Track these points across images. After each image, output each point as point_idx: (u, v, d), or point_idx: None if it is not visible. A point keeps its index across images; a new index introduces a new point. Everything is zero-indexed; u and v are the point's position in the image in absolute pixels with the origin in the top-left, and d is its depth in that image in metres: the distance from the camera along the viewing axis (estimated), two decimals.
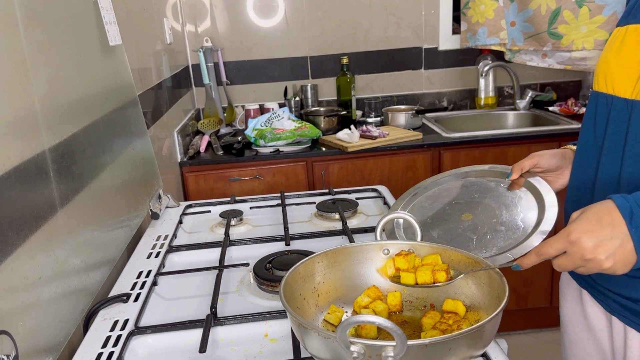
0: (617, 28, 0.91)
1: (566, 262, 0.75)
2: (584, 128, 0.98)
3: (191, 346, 0.90)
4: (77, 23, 1.13)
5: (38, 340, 0.80)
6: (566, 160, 1.05)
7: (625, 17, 0.91)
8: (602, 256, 0.72)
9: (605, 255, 0.72)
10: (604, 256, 0.72)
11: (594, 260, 0.72)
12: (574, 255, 0.74)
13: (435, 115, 2.71)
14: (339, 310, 0.85)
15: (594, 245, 0.72)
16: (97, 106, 1.17)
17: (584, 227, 0.73)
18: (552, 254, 0.76)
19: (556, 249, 0.75)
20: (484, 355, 0.81)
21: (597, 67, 0.94)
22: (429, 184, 1.17)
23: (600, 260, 0.72)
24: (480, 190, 1.09)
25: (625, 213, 0.72)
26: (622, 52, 0.87)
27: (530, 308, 2.46)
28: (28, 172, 0.82)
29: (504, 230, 0.97)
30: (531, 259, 0.78)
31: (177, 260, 1.25)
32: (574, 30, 2.47)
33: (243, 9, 2.65)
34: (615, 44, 0.90)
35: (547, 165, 1.04)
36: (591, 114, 0.96)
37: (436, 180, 1.18)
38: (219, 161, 2.21)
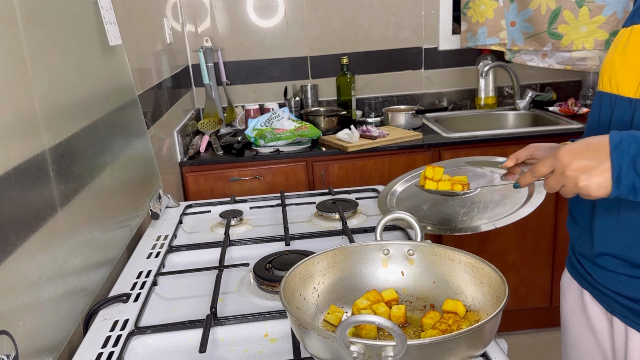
0: (623, 29, 0.92)
1: (552, 180, 0.82)
2: (589, 127, 0.98)
3: (191, 346, 0.90)
4: (77, 23, 1.13)
5: (38, 340, 0.80)
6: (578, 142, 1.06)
7: (631, 18, 0.91)
8: (579, 173, 0.77)
9: (582, 174, 0.77)
10: (580, 174, 0.77)
11: (571, 178, 0.78)
12: (557, 171, 0.80)
13: (435, 115, 2.71)
14: (339, 310, 0.85)
15: (575, 163, 0.78)
16: (97, 106, 1.17)
17: (571, 148, 0.79)
18: (544, 171, 0.83)
19: (546, 165, 0.82)
20: (484, 355, 0.81)
21: (602, 68, 0.95)
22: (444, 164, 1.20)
23: (576, 178, 0.78)
24: (475, 177, 1.11)
25: (613, 141, 0.77)
26: (627, 52, 0.88)
27: (530, 308, 2.46)
28: (28, 172, 0.82)
29: (491, 207, 0.99)
30: (527, 177, 0.87)
31: (177, 260, 1.25)
32: (574, 30, 2.47)
33: (243, 9, 2.65)
34: (621, 44, 0.90)
35: (543, 157, 1.03)
36: (595, 114, 0.96)
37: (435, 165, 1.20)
38: (219, 161, 2.21)
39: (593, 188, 0.77)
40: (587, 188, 0.78)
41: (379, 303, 0.85)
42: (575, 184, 0.78)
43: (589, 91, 2.72)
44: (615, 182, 0.76)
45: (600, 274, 0.96)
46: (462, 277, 0.86)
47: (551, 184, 0.82)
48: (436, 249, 0.90)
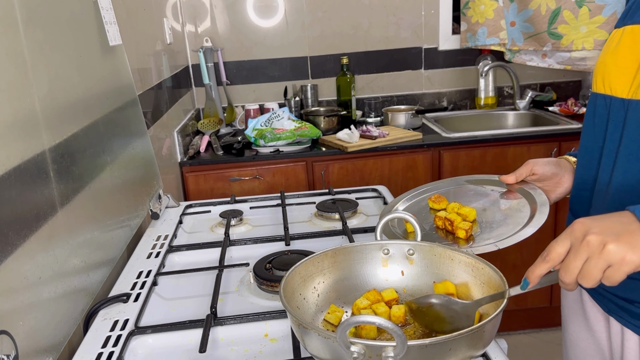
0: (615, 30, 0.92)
1: (570, 257, 0.66)
2: (585, 130, 0.98)
3: (191, 346, 0.90)
4: (77, 23, 1.13)
5: (38, 340, 0.80)
6: (562, 169, 1.04)
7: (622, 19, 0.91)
8: (605, 234, 0.64)
9: (609, 234, 0.64)
10: (607, 235, 0.64)
11: (596, 243, 0.64)
12: (576, 242, 0.66)
13: (435, 115, 2.71)
14: (339, 310, 0.85)
15: (598, 226, 0.65)
16: (97, 106, 1.17)
17: (587, 217, 0.68)
18: (559, 251, 0.68)
19: (561, 243, 0.68)
20: (484, 355, 0.81)
21: (596, 69, 0.94)
22: (429, 188, 1.17)
23: (603, 240, 0.64)
24: (477, 195, 1.09)
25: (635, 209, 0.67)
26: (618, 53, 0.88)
27: (530, 308, 2.46)
28: (28, 172, 0.82)
29: (494, 226, 0.98)
30: (539, 267, 0.70)
31: (177, 260, 1.25)
32: (574, 30, 2.47)
33: (243, 9, 2.65)
34: (612, 45, 0.90)
35: (542, 171, 1.03)
36: (590, 116, 0.96)
37: (435, 184, 1.19)
38: (219, 161, 2.22)
39: (626, 248, 0.63)
40: (618, 251, 0.63)
41: (379, 303, 0.85)
42: (602, 248, 0.63)
43: (589, 91, 2.71)
44: None
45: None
46: (462, 277, 0.86)
47: (570, 263, 0.66)
48: (436, 249, 0.90)
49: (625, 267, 0.64)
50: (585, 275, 0.65)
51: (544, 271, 0.70)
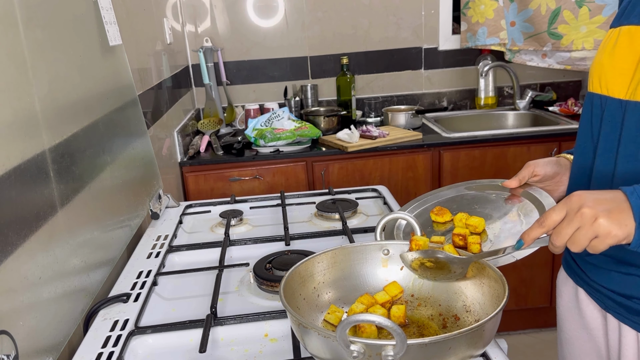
0: (611, 30, 0.91)
1: (564, 224, 0.73)
2: (581, 130, 0.98)
3: (191, 346, 0.90)
4: (77, 23, 1.13)
5: (38, 340, 0.80)
6: (562, 167, 1.04)
7: (618, 19, 0.91)
8: (598, 208, 0.70)
9: (602, 208, 0.70)
10: (600, 208, 0.70)
11: (589, 214, 0.70)
12: (571, 211, 0.72)
13: (435, 115, 2.71)
14: (339, 310, 0.85)
15: (593, 199, 0.71)
16: (97, 106, 1.17)
17: (585, 191, 0.74)
18: (555, 219, 0.74)
19: (558, 211, 0.74)
20: (484, 355, 0.81)
21: (592, 69, 0.94)
22: (430, 197, 1.14)
23: (595, 213, 0.70)
24: (480, 202, 1.07)
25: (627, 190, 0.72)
26: (615, 54, 0.88)
27: (530, 308, 2.46)
28: (28, 172, 0.82)
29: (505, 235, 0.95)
30: (535, 231, 0.76)
31: (177, 260, 1.25)
32: (574, 30, 2.47)
33: (243, 9, 2.65)
34: (609, 45, 0.90)
35: (544, 172, 1.03)
36: (587, 115, 0.96)
37: (437, 192, 1.15)
38: (219, 161, 2.22)
39: (614, 224, 0.70)
40: (607, 225, 0.70)
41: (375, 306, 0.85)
42: (594, 220, 0.70)
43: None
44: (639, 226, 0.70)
45: (594, 271, 0.97)
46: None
47: (562, 230, 0.73)
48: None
49: (609, 240, 0.71)
50: (575, 241, 0.72)
51: (538, 235, 0.77)
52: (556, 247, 0.75)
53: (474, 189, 1.12)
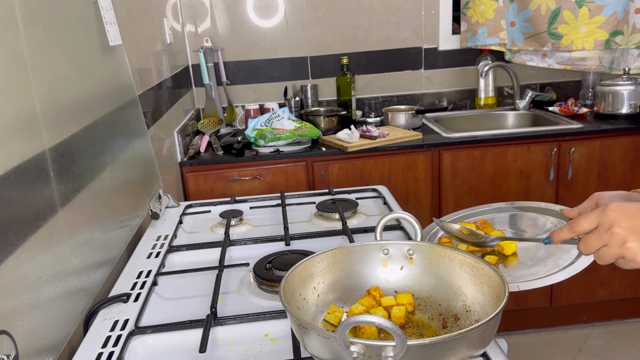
0: None
1: (593, 236, 0.71)
2: None
3: (191, 346, 0.90)
4: (77, 23, 1.13)
5: (38, 340, 0.80)
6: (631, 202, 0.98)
7: None
8: (629, 232, 0.68)
9: (633, 234, 0.68)
10: (631, 233, 0.68)
11: (618, 236, 0.69)
12: (602, 227, 0.71)
13: (435, 115, 2.71)
14: (339, 310, 0.85)
15: (627, 221, 0.69)
16: (97, 106, 1.17)
17: (624, 205, 0.71)
18: (586, 227, 0.73)
19: (590, 220, 0.72)
20: (484, 355, 0.81)
21: None
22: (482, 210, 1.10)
23: (625, 237, 0.68)
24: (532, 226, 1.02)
25: None
26: None
27: (530, 308, 2.46)
28: (28, 172, 0.82)
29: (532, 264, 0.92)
30: (564, 232, 0.76)
31: (177, 260, 1.25)
32: (574, 30, 2.47)
33: (243, 9, 2.65)
34: None
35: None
36: None
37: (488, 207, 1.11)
38: (219, 161, 2.21)
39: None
40: (635, 250, 0.68)
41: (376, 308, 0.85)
42: (623, 243, 0.69)
43: (589, 91, 2.72)
44: None
45: None
46: (462, 277, 0.86)
47: (590, 242, 0.72)
48: (436, 248, 0.90)
49: (633, 264, 0.70)
50: (601, 256, 0.72)
51: (566, 237, 0.77)
52: (583, 252, 0.75)
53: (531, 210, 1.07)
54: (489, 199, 2.31)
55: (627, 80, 2.39)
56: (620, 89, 2.38)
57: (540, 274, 0.89)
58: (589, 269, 0.85)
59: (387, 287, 0.91)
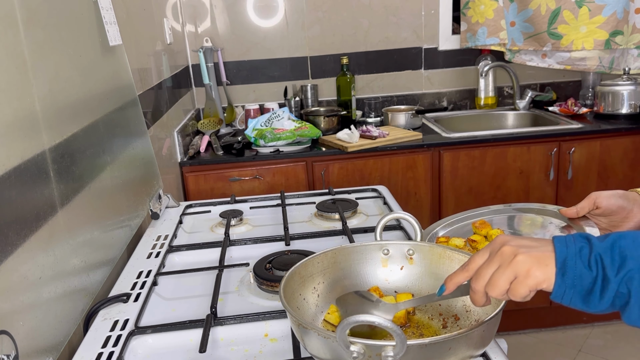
0: None
1: (485, 265, 0.67)
2: None
3: (191, 346, 0.90)
4: (77, 23, 1.13)
5: (38, 340, 0.80)
6: (630, 202, 0.92)
7: None
8: (517, 247, 0.65)
9: (522, 247, 0.65)
10: (519, 247, 0.65)
11: (508, 253, 0.65)
12: (493, 252, 0.67)
13: (435, 115, 2.71)
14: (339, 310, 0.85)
15: (515, 240, 0.67)
16: (97, 106, 1.17)
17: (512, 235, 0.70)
18: (478, 262, 0.68)
19: (481, 254, 0.69)
20: (484, 355, 0.81)
21: None
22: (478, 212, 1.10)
23: (514, 251, 0.65)
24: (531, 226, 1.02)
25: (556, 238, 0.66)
26: None
27: (530, 308, 2.46)
28: (28, 172, 0.82)
29: None
30: (458, 275, 0.71)
31: (177, 260, 1.25)
32: (574, 30, 2.47)
33: (243, 9, 2.65)
34: None
35: (606, 204, 0.92)
36: None
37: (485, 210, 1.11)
38: (219, 161, 2.21)
39: (533, 262, 0.63)
40: (525, 262, 0.63)
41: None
42: (512, 257, 0.64)
43: (589, 91, 2.72)
44: (560, 269, 0.63)
45: None
46: None
47: (481, 271, 0.67)
48: (436, 248, 0.90)
49: (529, 281, 0.64)
50: (493, 283, 0.66)
51: (461, 280, 0.71)
52: (476, 293, 0.68)
53: (528, 211, 1.07)
54: (488, 199, 2.32)
55: (627, 80, 2.40)
56: (620, 89, 2.38)
57: None
58: None
59: (387, 287, 0.91)
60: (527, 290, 0.64)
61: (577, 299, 0.63)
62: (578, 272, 0.62)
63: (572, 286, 0.62)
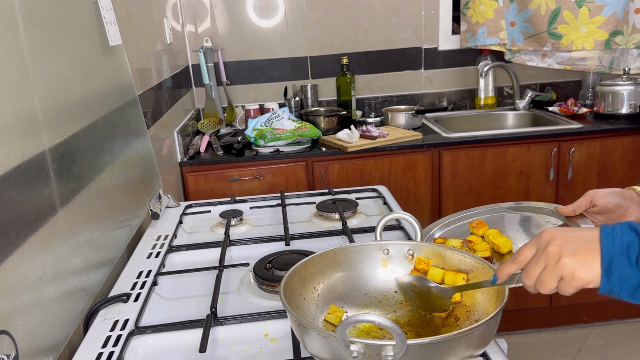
0: None
1: (531, 262, 0.70)
2: None
3: (191, 346, 0.90)
4: (77, 23, 1.13)
5: (38, 340, 0.80)
6: (626, 199, 0.92)
7: None
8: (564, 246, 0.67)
9: (568, 246, 0.67)
10: (566, 246, 0.67)
11: (554, 253, 0.67)
12: (539, 249, 0.69)
13: (435, 115, 2.71)
14: (339, 310, 0.85)
15: (561, 237, 0.68)
16: (97, 106, 1.17)
17: (558, 227, 0.71)
18: (527, 255, 0.71)
19: (529, 247, 0.71)
20: (484, 355, 0.81)
21: None
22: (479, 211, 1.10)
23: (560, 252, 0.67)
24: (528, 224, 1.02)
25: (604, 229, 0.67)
26: None
27: (530, 308, 2.46)
28: (28, 172, 0.82)
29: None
30: (508, 266, 0.73)
31: (177, 260, 1.25)
32: (574, 30, 2.47)
33: (243, 9, 2.65)
34: None
35: (603, 202, 0.92)
36: None
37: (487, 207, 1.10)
38: (219, 161, 2.22)
39: (578, 265, 0.65)
40: (570, 265, 0.65)
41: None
42: (558, 259, 0.66)
43: (589, 91, 2.72)
44: (605, 271, 0.64)
45: None
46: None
47: (530, 269, 0.69)
48: (436, 248, 0.90)
49: (574, 282, 0.66)
50: (541, 282, 0.69)
51: (511, 271, 0.74)
52: (528, 287, 0.71)
53: (530, 211, 1.06)
54: (488, 199, 2.32)
55: (627, 80, 2.40)
56: (620, 89, 2.38)
57: None
58: None
59: (387, 287, 0.91)
60: (574, 290, 0.67)
61: (625, 295, 0.65)
62: (625, 274, 0.63)
63: (619, 285, 0.64)
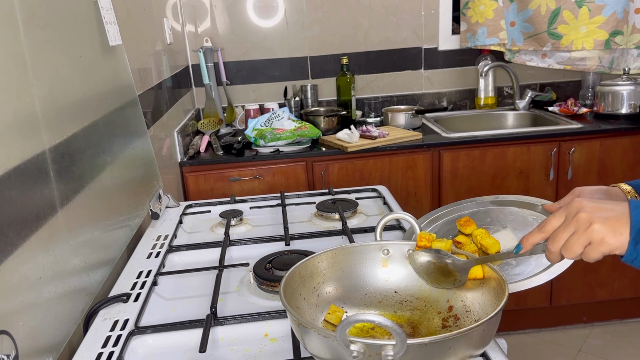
0: None
1: (560, 229, 0.71)
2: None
3: (191, 346, 0.90)
4: (77, 23, 1.13)
5: (38, 340, 0.80)
6: (612, 197, 0.94)
7: None
8: (595, 213, 0.69)
9: (598, 213, 0.69)
10: (596, 213, 0.69)
11: (584, 220, 0.69)
12: (569, 217, 0.71)
13: (435, 115, 2.71)
14: (339, 310, 0.85)
15: (591, 204, 0.70)
16: (97, 106, 1.17)
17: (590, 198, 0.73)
18: (554, 224, 0.73)
19: (558, 216, 0.72)
20: (484, 355, 0.81)
21: None
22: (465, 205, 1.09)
23: (591, 218, 0.69)
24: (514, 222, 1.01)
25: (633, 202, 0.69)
26: None
27: (530, 308, 2.46)
28: (28, 172, 0.82)
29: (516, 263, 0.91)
30: (534, 235, 0.75)
31: (177, 260, 1.25)
32: (574, 30, 2.47)
33: (243, 9, 2.65)
34: None
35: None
36: None
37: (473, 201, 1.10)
38: (219, 161, 2.22)
39: (609, 231, 0.68)
40: (601, 231, 0.68)
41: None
42: (588, 225, 0.68)
43: (589, 91, 2.72)
44: (634, 239, 0.67)
45: None
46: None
47: (557, 235, 0.71)
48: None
49: (602, 247, 0.69)
50: (568, 247, 0.70)
51: (537, 240, 0.75)
52: (551, 253, 0.73)
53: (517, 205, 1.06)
54: None
55: (627, 80, 2.40)
56: (620, 89, 2.38)
57: (523, 274, 0.90)
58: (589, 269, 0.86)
59: (387, 287, 0.91)
60: (600, 255, 0.69)
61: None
62: None
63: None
